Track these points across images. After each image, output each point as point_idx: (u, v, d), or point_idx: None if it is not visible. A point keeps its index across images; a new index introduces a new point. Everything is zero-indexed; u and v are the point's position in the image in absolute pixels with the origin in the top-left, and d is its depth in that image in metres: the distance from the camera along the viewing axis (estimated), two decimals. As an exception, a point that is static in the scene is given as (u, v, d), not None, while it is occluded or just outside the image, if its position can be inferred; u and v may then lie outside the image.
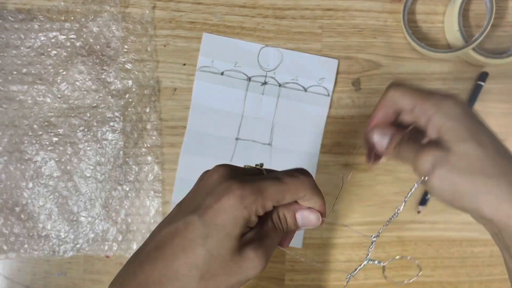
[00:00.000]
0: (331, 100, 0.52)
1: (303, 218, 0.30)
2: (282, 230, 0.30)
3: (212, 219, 0.27)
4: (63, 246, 0.51)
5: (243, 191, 0.27)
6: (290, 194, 0.29)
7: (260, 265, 0.28)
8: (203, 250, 0.26)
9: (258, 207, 0.27)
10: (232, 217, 0.26)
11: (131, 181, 0.51)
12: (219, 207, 0.27)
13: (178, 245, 0.27)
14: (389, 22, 0.52)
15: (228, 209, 0.26)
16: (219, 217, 0.27)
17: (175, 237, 0.27)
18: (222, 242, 0.27)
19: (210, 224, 0.27)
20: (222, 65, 0.52)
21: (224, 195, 0.27)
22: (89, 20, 0.51)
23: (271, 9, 0.52)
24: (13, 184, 0.51)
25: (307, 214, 0.30)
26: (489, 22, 0.49)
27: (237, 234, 0.27)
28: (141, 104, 0.51)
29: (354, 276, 0.35)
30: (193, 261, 0.27)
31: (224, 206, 0.27)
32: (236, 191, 0.27)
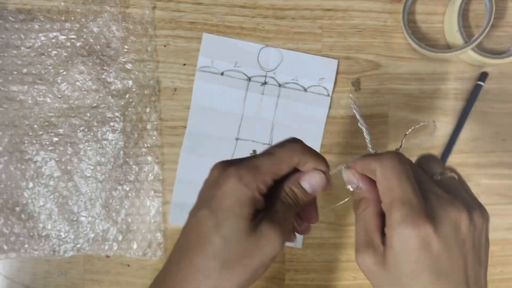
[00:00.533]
0: (331, 100, 0.52)
1: (307, 182, 0.30)
2: (294, 203, 0.30)
3: (218, 206, 0.27)
4: (63, 246, 0.51)
5: (239, 172, 0.28)
6: (284, 164, 0.29)
7: (277, 240, 0.28)
8: (217, 238, 0.27)
9: (258, 183, 0.28)
10: (235, 198, 0.27)
11: (131, 181, 0.51)
12: (222, 193, 0.28)
13: (194, 241, 0.28)
14: (389, 22, 0.52)
15: (230, 192, 0.27)
16: (224, 203, 0.27)
17: (190, 234, 0.28)
18: (233, 225, 0.27)
19: (217, 212, 0.27)
20: (222, 65, 0.52)
21: (224, 182, 0.28)
22: (89, 20, 0.51)
23: (271, 9, 0.52)
24: (14, 184, 0.51)
25: (310, 177, 0.30)
26: (489, 22, 0.49)
27: (246, 214, 0.27)
28: (141, 104, 0.51)
29: None
30: (211, 252, 0.27)
31: (225, 191, 0.28)
32: (233, 173, 0.28)
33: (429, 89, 0.53)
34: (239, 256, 0.27)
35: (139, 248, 0.51)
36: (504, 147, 0.53)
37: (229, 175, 0.28)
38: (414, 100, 0.53)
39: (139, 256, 0.51)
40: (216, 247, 0.27)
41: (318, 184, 0.31)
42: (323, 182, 0.31)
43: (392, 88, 0.52)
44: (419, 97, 0.52)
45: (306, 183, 0.30)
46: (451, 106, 0.53)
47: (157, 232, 0.51)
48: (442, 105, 0.53)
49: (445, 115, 0.53)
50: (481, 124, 0.53)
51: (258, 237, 0.27)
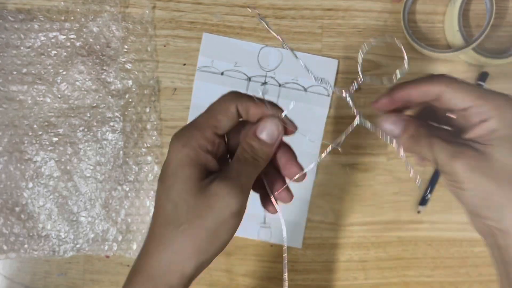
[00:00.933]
0: (331, 100, 0.52)
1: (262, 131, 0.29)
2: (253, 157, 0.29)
3: (165, 175, 0.28)
4: (63, 246, 0.51)
5: (177, 135, 0.28)
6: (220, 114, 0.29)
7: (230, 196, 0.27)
8: (167, 203, 0.27)
9: (198, 140, 0.27)
10: (177, 162, 0.27)
11: (131, 181, 0.51)
12: (167, 161, 0.28)
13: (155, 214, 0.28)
14: (389, 22, 0.52)
15: (172, 158, 0.27)
16: (169, 169, 0.27)
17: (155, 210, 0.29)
18: (180, 187, 0.27)
19: (165, 179, 0.27)
20: (222, 65, 0.52)
21: (168, 151, 0.28)
22: (89, 20, 0.51)
23: (271, 9, 0.52)
24: (13, 184, 0.51)
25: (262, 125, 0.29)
26: (489, 22, 0.49)
27: (192, 174, 0.27)
28: (141, 104, 0.51)
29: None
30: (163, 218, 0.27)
31: (169, 158, 0.28)
32: (173, 140, 0.28)
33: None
34: (189, 218, 0.27)
35: (139, 248, 0.51)
36: (505, 147, 0.53)
37: (172, 142, 0.28)
38: (415, 100, 0.52)
39: (139, 256, 0.51)
40: (166, 213, 0.27)
41: (274, 131, 0.29)
42: (279, 127, 0.30)
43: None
44: (420, 97, 0.52)
45: (262, 133, 0.29)
46: (451, 106, 0.52)
47: (157, 232, 0.51)
48: (442, 105, 0.52)
49: (446, 115, 0.52)
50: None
51: (208, 196, 0.27)
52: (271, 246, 0.52)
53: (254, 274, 0.52)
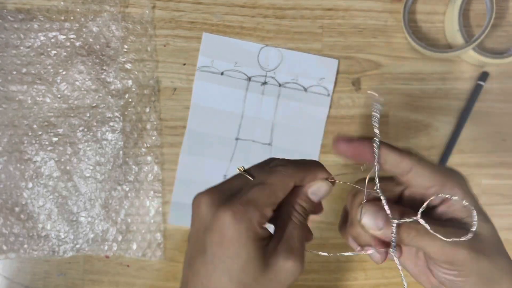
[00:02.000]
0: (331, 100, 0.52)
1: (315, 194, 0.29)
2: (304, 219, 0.29)
3: (223, 254, 0.26)
4: (62, 246, 0.51)
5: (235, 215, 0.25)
6: (281, 191, 0.28)
7: (294, 267, 0.26)
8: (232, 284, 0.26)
9: (257, 218, 0.26)
10: (240, 244, 0.25)
11: (131, 181, 0.51)
12: (223, 241, 0.26)
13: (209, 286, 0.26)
14: (389, 22, 0.52)
15: (232, 238, 0.25)
16: (229, 250, 0.26)
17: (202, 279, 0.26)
18: (246, 268, 0.26)
19: (225, 259, 0.26)
20: (222, 65, 0.52)
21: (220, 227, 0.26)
22: (88, 20, 0.51)
23: (271, 9, 0.52)
24: (13, 184, 0.50)
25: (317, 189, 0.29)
26: (490, 22, 0.49)
27: (255, 254, 0.26)
28: (141, 104, 0.51)
29: None
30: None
31: (227, 238, 0.25)
32: (228, 218, 0.25)
33: (430, 89, 0.52)
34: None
35: (138, 249, 0.51)
36: (505, 147, 0.53)
37: (225, 220, 0.25)
38: (415, 100, 0.52)
39: (139, 257, 0.51)
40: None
41: (326, 192, 0.30)
42: (329, 187, 0.30)
43: (392, 88, 0.52)
44: (420, 97, 0.52)
45: (314, 196, 0.29)
46: (451, 106, 0.52)
47: (156, 232, 0.51)
48: (442, 105, 0.52)
49: (446, 115, 0.52)
50: (481, 124, 0.52)
51: (276, 272, 0.26)
52: (271, 246, 0.52)
53: (254, 274, 0.52)
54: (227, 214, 0.25)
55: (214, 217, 0.26)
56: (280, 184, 0.28)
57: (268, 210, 0.27)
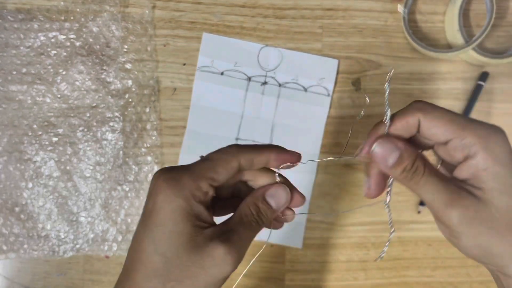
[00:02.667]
0: (331, 100, 0.52)
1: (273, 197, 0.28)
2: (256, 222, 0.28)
3: (151, 221, 0.25)
4: (62, 246, 0.51)
5: (169, 181, 0.25)
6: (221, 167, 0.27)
7: (228, 262, 0.25)
8: (157, 256, 0.25)
9: (193, 190, 0.25)
10: (169, 211, 0.25)
11: (130, 181, 0.51)
12: (154, 207, 0.25)
13: (135, 260, 0.26)
14: (389, 22, 0.52)
15: (162, 204, 0.25)
16: (157, 217, 0.25)
17: (132, 253, 0.26)
18: (170, 240, 0.25)
19: (153, 228, 0.25)
20: (222, 65, 0.52)
21: (154, 193, 0.25)
22: (88, 20, 0.51)
23: (271, 9, 0.52)
24: (13, 184, 0.50)
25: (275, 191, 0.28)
26: (490, 22, 0.49)
27: (186, 229, 0.25)
28: (140, 104, 0.51)
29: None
30: (151, 271, 0.25)
31: (157, 204, 0.25)
32: (162, 183, 0.25)
33: (430, 89, 0.52)
34: (181, 276, 0.25)
35: (138, 249, 0.51)
36: (505, 147, 0.53)
37: (160, 185, 0.25)
38: (415, 100, 0.52)
39: (139, 257, 0.51)
40: (156, 266, 0.25)
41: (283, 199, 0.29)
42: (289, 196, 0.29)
43: (392, 88, 0.52)
44: (420, 97, 0.52)
45: (271, 199, 0.28)
46: (451, 106, 0.52)
47: (156, 232, 0.51)
48: (442, 105, 0.52)
49: (446, 115, 0.52)
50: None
51: (204, 256, 0.25)
52: (271, 246, 0.52)
53: (254, 274, 0.52)
54: (161, 180, 0.25)
55: (155, 185, 0.26)
56: (220, 160, 0.27)
57: (204, 183, 0.26)
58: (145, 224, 0.26)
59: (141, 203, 0.51)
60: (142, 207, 0.51)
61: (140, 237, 0.26)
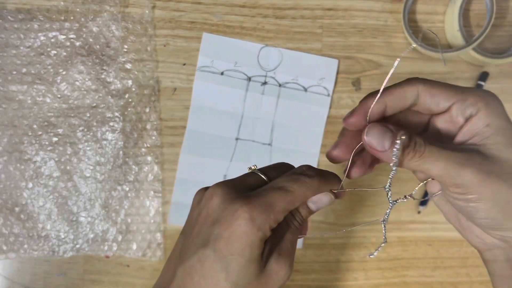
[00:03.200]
0: (331, 100, 0.52)
1: (315, 203, 0.29)
2: (298, 224, 0.29)
3: (227, 249, 0.25)
4: (62, 246, 0.51)
5: (252, 213, 0.25)
6: (299, 201, 0.27)
7: (286, 273, 0.26)
8: (227, 284, 0.25)
9: (271, 223, 0.26)
10: (247, 242, 0.25)
11: (131, 181, 0.51)
12: (232, 236, 0.25)
13: (200, 284, 0.25)
14: (389, 22, 0.52)
15: (242, 235, 0.25)
16: (234, 246, 0.25)
17: (194, 276, 0.26)
18: (244, 269, 0.25)
19: (227, 256, 0.25)
20: (222, 65, 0.52)
21: (233, 222, 0.25)
22: (88, 20, 0.51)
23: (271, 9, 0.52)
24: (13, 184, 0.50)
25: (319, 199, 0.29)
26: (490, 22, 0.49)
27: (257, 256, 0.25)
28: (141, 104, 0.51)
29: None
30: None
31: (236, 234, 0.25)
32: (244, 214, 0.25)
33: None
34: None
35: (138, 249, 0.51)
36: (505, 147, 0.53)
37: (240, 215, 0.25)
38: (415, 100, 0.52)
39: (139, 257, 0.51)
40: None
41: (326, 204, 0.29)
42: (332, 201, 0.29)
43: (392, 88, 0.52)
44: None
45: (313, 205, 0.29)
46: (451, 106, 0.52)
47: (156, 232, 0.51)
48: (442, 105, 0.52)
49: (446, 115, 0.52)
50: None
51: (268, 275, 0.26)
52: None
53: (254, 274, 0.52)
54: (244, 211, 0.25)
55: (228, 210, 0.25)
56: (302, 195, 0.27)
57: (281, 216, 0.26)
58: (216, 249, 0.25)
59: (141, 203, 0.51)
60: (142, 207, 0.51)
61: (208, 262, 0.25)
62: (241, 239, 0.25)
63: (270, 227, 0.26)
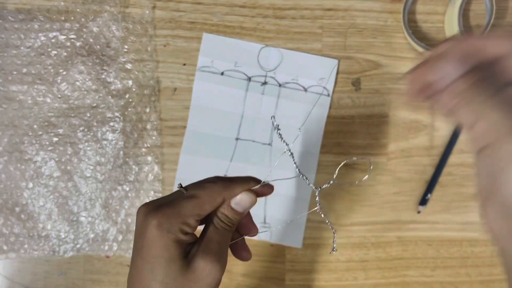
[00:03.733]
0: (331, 100, 0.52)
1: (238, 204, 0.31)
2: (228, 226, 0.31)
3: (149, 254, 0.28)
4: (63, 246, 0.51)
5: (160, 219, 0.29)
6: (207, 205, 0.30)
7: (215, 269, 0.29)
8: (156, 284, 0.28)
9: (181, 226, 0.29)
10: (162, 245, 0.28)
11: (131, 181, 0.51)
12: (148, 242, 0.29)
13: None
14: (389, 22, 0.52)
15: (155, 239, 0.28)
16: (153, 250, 0.28)
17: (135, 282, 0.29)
18: (166, 269, 0.28)
19: (149, 260, 0.28)
20: (222, 65, 0.52)
21: (146, 231, 0.29)
22: (89, 20, 0.51)
23: (271, 9, 0.52)
24: (13, 184, 0.50)
25: (240, 199, 0.32)
26: (489, 22, 0.49)
27: (178, 255, 0.29)
28: (141, 104, 0.51)
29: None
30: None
31: (150, 240, 0.28)
32: (153, 221, 0.28)
33: None
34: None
35: (139, 248, 0.51)
36: (505, 147, 0.53)
37: (149, 224, 0.29)
38: (415, 100, 0.52)
39: (139, 256, 0.51)
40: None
41: (248, 203, 0.32)
42: (254, 200, 0.32)
43: (392, 88, 0.52)
44: (420, 97, 0.52)
45: (237, 206, 0.31)
46: (451, 106, 0.52)
47: (157, 232, 0.51)
48: (442, 105, 0.52)
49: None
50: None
51: (195, 272, 0.29)
52: (271, 246, 0.52)
53: (254, 274, 0.52)
54: (153, 220, 0.29)
55: (143, 223, 0.29)
56: (207, 198, 0.30)
57: (191, 220, 0.30)
58: (142, 257, 0.29)
59: (141, 202, 0.51)
60: (142, 207, 0.51)
61: (139, 269, 0.29)
62: (155, 243, 0.28)
63: (181, 229, 0.29)
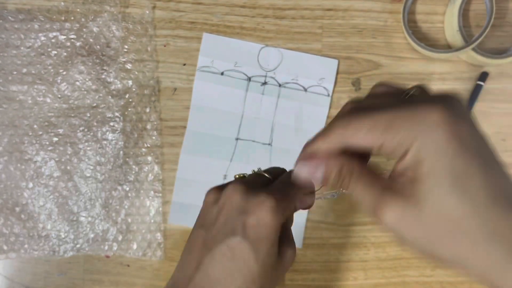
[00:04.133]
0: (331, 100, 0.52)
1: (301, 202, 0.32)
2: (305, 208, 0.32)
3: (256, 235, 0.28)
4: (63, 246, 0.51)
5: (275, 202, 0.28)
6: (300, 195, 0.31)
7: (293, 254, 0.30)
8: (257, 266, 0.28)
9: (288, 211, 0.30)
10: (272, 227, 0.28)
11: (131, 181, 0.51)
12: (259, 222, 0.28)
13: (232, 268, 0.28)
14: (389, 22, 0.52)
15: (268, 221, 0.28)
16: (261, 231, 0.28)
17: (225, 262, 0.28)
18: (270, 251, 0.28)
19: (256, 241, 0.28)
20: (222, 65, 0.52)
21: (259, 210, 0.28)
22: (89, 20, 0.51)
23: (271, 9, 0.52)
24: (13, 184, 0.51)
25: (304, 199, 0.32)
26: (489, 22, 0.49)
27: (277, 240, 0.29)
28: (141, 104, 0.51)
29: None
30: (250, 278, 0.28)
31: (263, 220, 0.28)
32: (268, 204, 0.28)
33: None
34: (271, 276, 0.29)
35: (139, 248, 0.51)
36: (504, 147, 0.53)
37: (265, 204, 0.28)
38: (415, 100, 0.52)
39: (139, 256, 0.51)
40: (255, 274, 0.28)
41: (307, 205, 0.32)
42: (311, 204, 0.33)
43: (392, 88, 0.52)
44: (420, 97, 0.52)
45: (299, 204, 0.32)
46: (451, 106, 0.52)
47: (157, 232, 0.51)
48: (442, 105, 0.52)
49: (446, 115, 0.52)
50: (481, 124, 0.52)
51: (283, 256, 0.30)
52: (271, 246, 0.52)
53: (254, 274, 0.52)
54: (270, 201, 0.28)
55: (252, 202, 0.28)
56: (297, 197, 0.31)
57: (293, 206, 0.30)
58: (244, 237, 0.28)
59: (141, 203, 0.51)
60: (142, 207, 0.51)
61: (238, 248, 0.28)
62: (266, 225, 0.28)
63: (287, 215, 0.30)
